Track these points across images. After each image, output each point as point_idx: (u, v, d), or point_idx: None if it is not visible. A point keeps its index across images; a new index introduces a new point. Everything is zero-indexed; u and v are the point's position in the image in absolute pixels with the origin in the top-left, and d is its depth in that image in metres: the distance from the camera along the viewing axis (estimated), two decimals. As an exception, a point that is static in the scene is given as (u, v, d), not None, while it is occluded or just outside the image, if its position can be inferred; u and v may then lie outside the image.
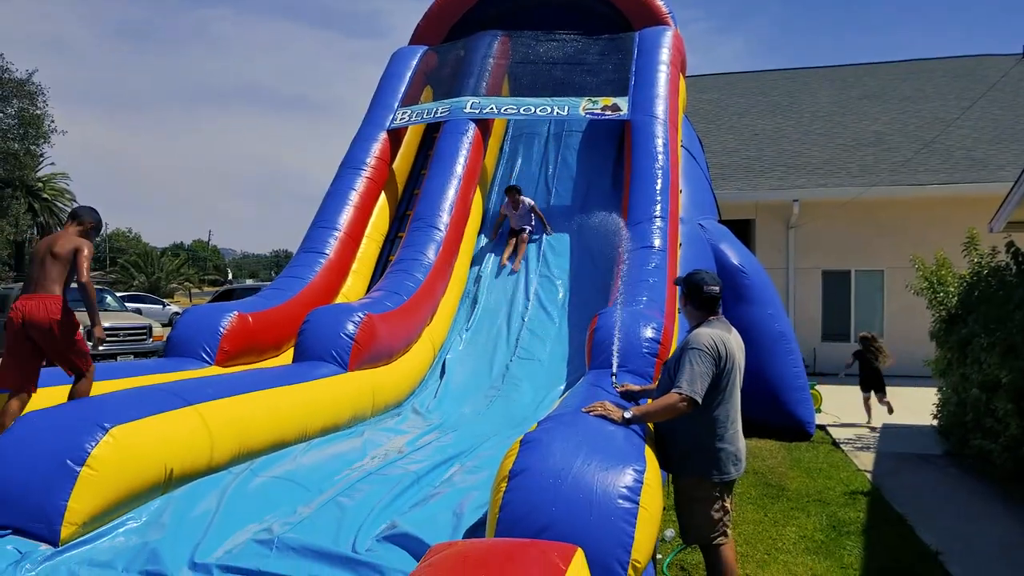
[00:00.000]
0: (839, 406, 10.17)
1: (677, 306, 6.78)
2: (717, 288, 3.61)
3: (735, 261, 8.26)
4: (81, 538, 3.34)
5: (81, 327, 4.97)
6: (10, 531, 3.26)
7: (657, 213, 7.64)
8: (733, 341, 3.54)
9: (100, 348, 5.02)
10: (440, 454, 5.04)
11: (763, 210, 14.33)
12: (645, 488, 2.98)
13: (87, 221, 5.08)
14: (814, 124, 17.05)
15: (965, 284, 7.84)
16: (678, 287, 3.87)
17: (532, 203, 9.00)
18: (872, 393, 9.40)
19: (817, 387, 9.89)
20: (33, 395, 4.71)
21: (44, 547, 3.23)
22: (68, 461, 3.38)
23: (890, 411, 9.20)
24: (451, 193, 8.57)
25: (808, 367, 10.93)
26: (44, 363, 4.86)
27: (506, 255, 8.94)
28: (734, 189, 14.06)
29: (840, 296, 14.24)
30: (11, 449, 3.49)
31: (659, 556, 4.51)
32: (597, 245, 8.45)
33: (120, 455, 3.54)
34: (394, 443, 5.47)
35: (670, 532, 4.96)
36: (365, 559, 3.20)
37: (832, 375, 13.17)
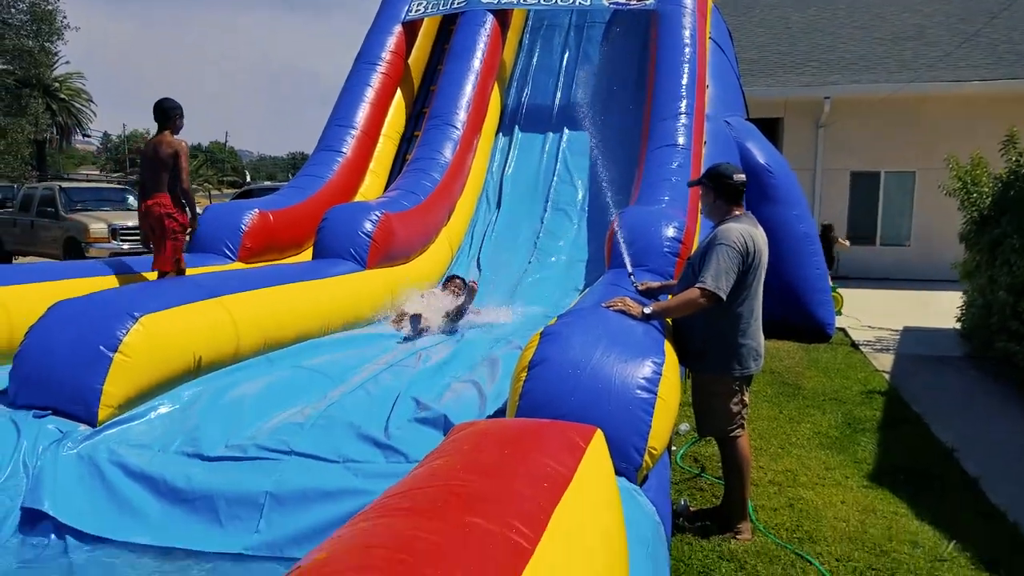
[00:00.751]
0: (860, 308, 10.13)
1: (700, 205, 6.69)
2: (743, 177, 3.54)
3: (761, 160, 8.04)
4: (117, 419, 3.47)
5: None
6: (50, 412, 3.39)
7: (682, 110, 7.41)
8: (760, 237, 3.49)
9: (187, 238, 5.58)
10: (460, 349, 5.12)
11: (792, 108, 13.86)
12: (663, 380, 3.01)
13: (175, 117, 5.33)
14: (851, 16, 16.22)
15: (1000, 184, 7.61)
16: (698, 185, 3.78)
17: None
18: None
19: (839, 290, 9.83)
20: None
21: (83, 427, 3.37)
22: (101, 347, 3.48)
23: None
24: (468, 89, 8.35)
25: (831, 270, 10.85)
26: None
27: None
28: (763, 86, 13.56)
29: (868, 198, 13.94)
30: (48, 336, 3.60)
31: (673, 448, 4.62)
32: (620, 143, 8.26)
33: (150, 342, 3.64)
34: (421, 337, 5.56)
35: (684, 426, 5.07)
36: (392, 442, 3.30)
37: (856, 278, 13.08)
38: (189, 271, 5.46)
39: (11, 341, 3.93)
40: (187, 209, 5.35)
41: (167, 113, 5.26)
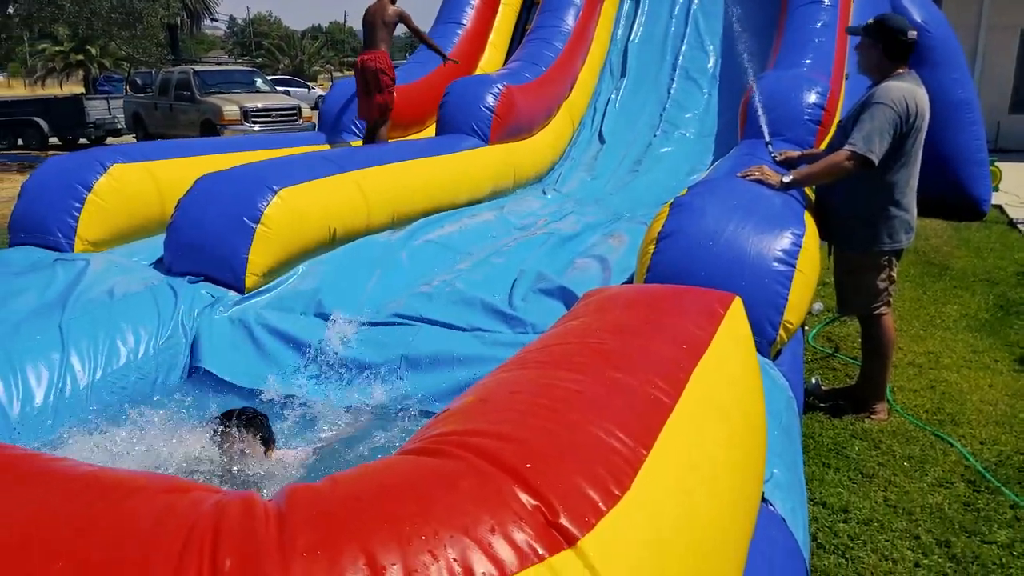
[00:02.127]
0: (1021, 185, 9.18)
1: (846, 71, 6.10)
2: (915, 33, 3.16)
3: (916, 16, 7.16)
4: (263, 286, 3.71)
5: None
6: (202, 279, 3.66)
7: (830, -40, 6.65)
8: (923, 98, 3.16)
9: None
10: (583, 223, 5.07)
11: (958, -43, 12.19)
12: (803, 252, 2.85)
13: None
14: None
15: None
16: (856, 35, 3.41)
17: None
18: None
19: (997, 164, 8.90)
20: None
21: (232, 293, 3.62)
22: (245, 219, 3.68)
23: None
24: (593, -51, 7.83)
25: (990, 142, 9.79)
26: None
27: None
28: (925, -68, 11.93)
29: (1041, 60, 12.32)
30: (197, 208, 3.83)
31: (806, 327, 4.46)
32: (757, 2, 7.58)
33: (289, 214, 3.80)
34: (538, 214, 5.54)
35: (818, 305, 4.87)
36: (518, 313, 3.36)
37: (1019, 151, 11.81)
38: (318, 148, 5.62)
39: (163, 212, 4.21)
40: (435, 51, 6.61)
41: None
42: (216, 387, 3.29)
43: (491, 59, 8.12)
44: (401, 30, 6.43)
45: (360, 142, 6.32)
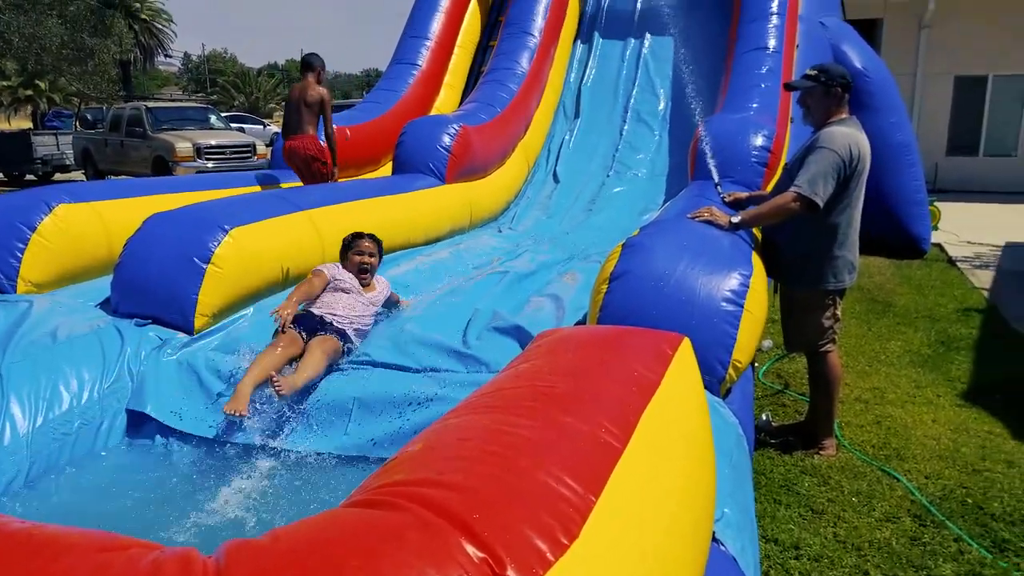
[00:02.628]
0: (959, 223, 9.58)
1: (790, 116, 6.33)
2: (850, 79, 3.31)
3: (857, 64, 7.51)
4: (213, 327, 3.64)
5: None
6: (150, 320, 3.57)
7: (773, 10, 6.96)
8: (864, 142, 3.28)
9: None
10: (538, 262, 5.11)
11: (893, 8, 12.82)
12: (750, 292, 2.92)
13: (319, 69, 6.00)
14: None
15: None
16: (795, 90, 3.55)
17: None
18: None
19: (936, 204, 9.28)
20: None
21: (181, 335, 3.54)
22: (195, 259, 3.61)
23: None
24: (546, -5, 8.03)
25: (929, 182, 10.21)
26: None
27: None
28: (862, -16, 12.55)
29: (973, 105, 12.95)
30: (146, 247, 3.75)
31: (756, 364, 4.54)
32: (705, 48, 7.85)
33: (241, 254, 3.75)
34: (493, 252, 5.57)
35: (768, 342, 4.97)
36: (473, 352, 3.35)
37: (956, 191, 12.33)
38: (275, 187, 5.58)
39: (111, 253, 4.12)
40: (330, 150, 5.93)
41: (312, 65, 5.96)
42: (162, 433, 3.20)
43: (447, 100, 8.22)
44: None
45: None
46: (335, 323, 3.49)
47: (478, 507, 1.05)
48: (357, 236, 3.97)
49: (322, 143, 5.92)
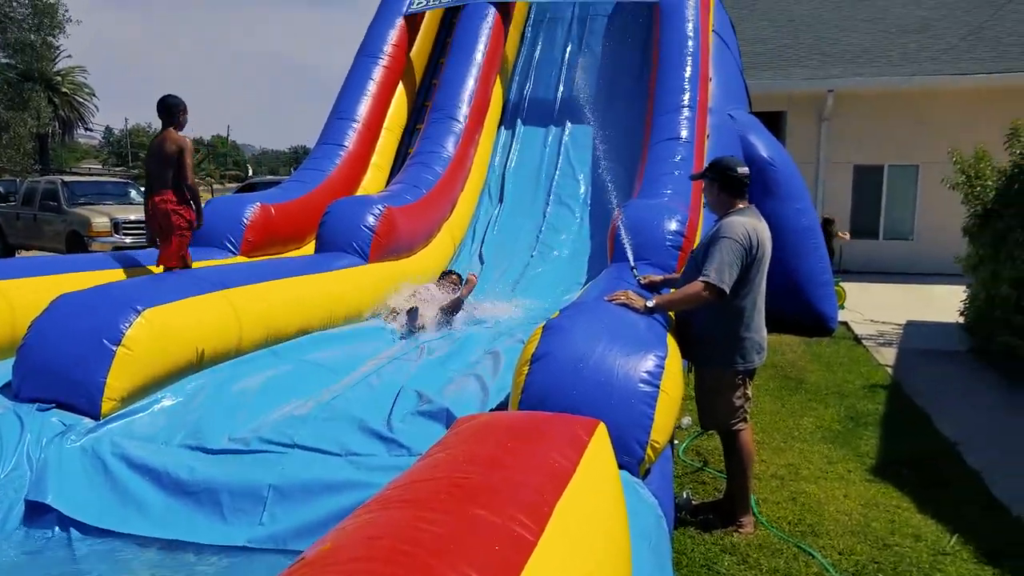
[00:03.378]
0: (863, 302, 10.12)
1: (703, 200, 6.67)
2: (747, 170, 3.52)
3: (764, 153, 8.02)
4: (120, 412, 3.48)
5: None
6: (54, 405, 3.40)
7: (685, 103, 7.39)
8: (763, 230, 3.49)
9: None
10: (462, 342, 5.12)
11: (796, 101, 13.80)
12: (666, 373, 3.01)
13: (179, 113, 5.39)
14: (855, 9, 16.14)
15: (1004, 178, 7.58)
16: (700, 179, 3.77)
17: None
18: None
19: (841, 284, 9.81)
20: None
21: (87, 420, 3.38)
22: (105, 340, 3.49)
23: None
24: (470, 83, 8.33)
25: (834, 264, 10.82)
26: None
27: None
28: (766, 79, 13.50)
29: (871, 192, 13.90)
30: (52, 329, 3.60)
31: (675, 442, 4.62)
32: (622, 137, 8.24)
33: (153, 336, 3.64)
34: (417, 333, 5.56)
35: (687, 420, 5.08)
36: (394, 435, 3.31)
37: (859, 272, 13.06)
38: (193, 264, 5.46)
39: (14, 334, 3.93)
40: (192, 205, 5.39)
41: (171, 110, 5.32)
42: (62, 524, 3.00)
43: (374, 180, 8.31)
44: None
45: (236, 259, 6.19)
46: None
47: (384, 609, 1.03)
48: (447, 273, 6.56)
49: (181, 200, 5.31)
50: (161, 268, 5.32)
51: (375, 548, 1.20)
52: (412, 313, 5.54)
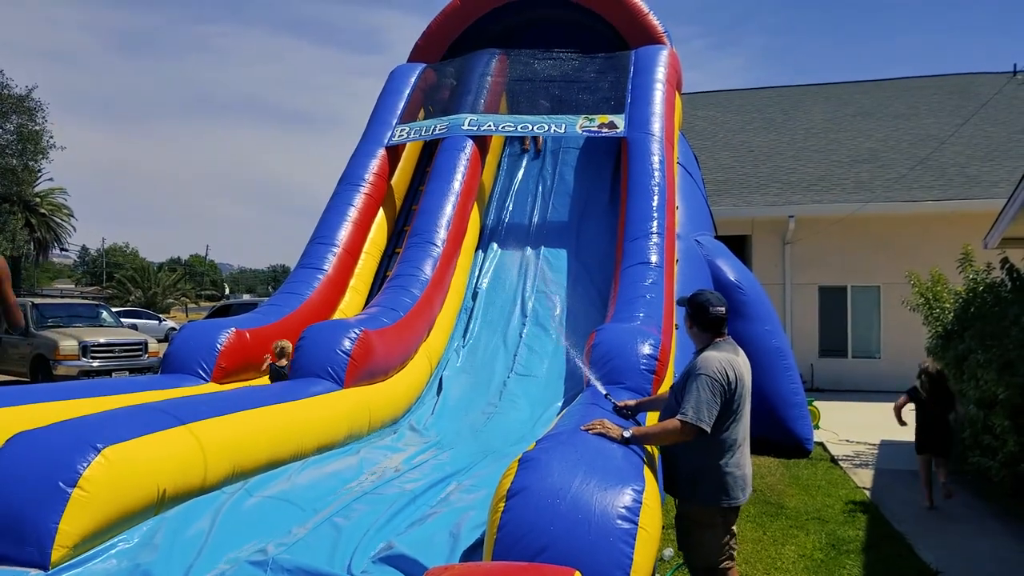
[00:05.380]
0: (836, 422, 10.15)
1: (674, 323, 6.79)
2: (723, 309, 3.51)
3: (731, 277, 8.27)
4: (72, 561, 3.29)
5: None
6: (-1, 559, 3.20)
7: (654, 229, 7.65)
8: (741, 363, 3.44)
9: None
10: (437, 472, 5.01)
11: (759, 226, 14.38)
12: (644, 508, 2.96)
13: None
14: (809, 140, 17.14)
15: (961, 300, 7.86)
16: (683, 306, 3.80)
17: None
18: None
19: (815, 403, 9.87)
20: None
21: (34, 572, 3.16)
22: (60, 483, 3.33)
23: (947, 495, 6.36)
24: (449, 209, 8.58)
25: (806, 383, 10.94)
26: None
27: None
28: (730, 205, 14.11)
29: (837, 312, 14.26)
30: (3, 471, 3.43)
31: (657, 575, 4.48)
32: (594, 261, 8.47)
33: (113, 476, 3.49)
34: (391, 461, 5.43)
35: (668, 551, 4.94)
36: (359, 582, 3.17)
37: (829, 391, 13.17)
38: (160, 394, 5.35)
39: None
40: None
41: None
42: None
43: (352, 303, 8.36)
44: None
45: (207, 387, 6.10)
46: None
47: None
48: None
49: None
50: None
51: None
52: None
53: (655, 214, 7.82)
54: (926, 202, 13.42)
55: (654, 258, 7.32)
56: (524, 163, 10.61)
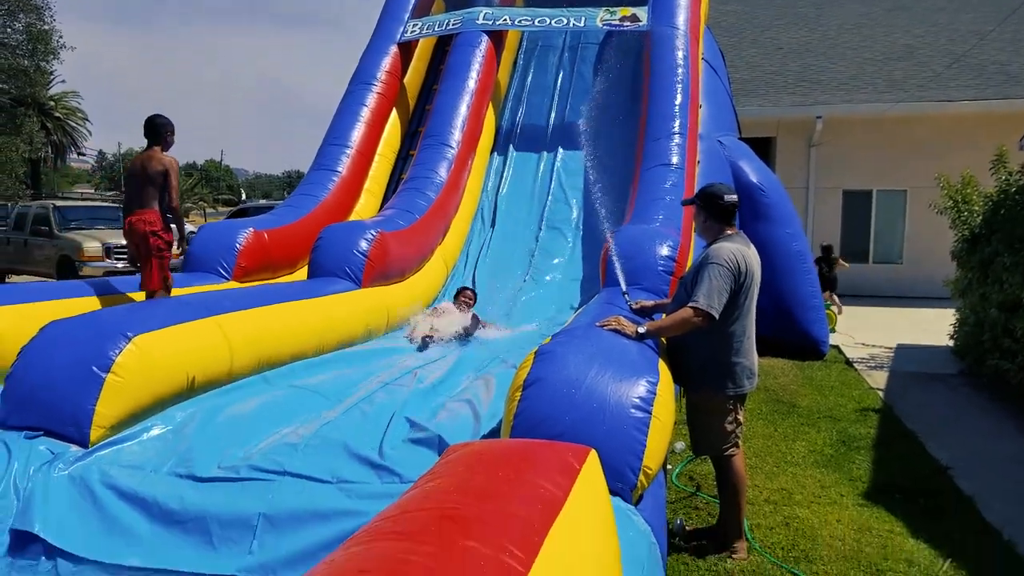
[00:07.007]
0: (854, 326, 10.17)
1: (694, 224, 6.72)
2: (735, 198, 3.56)
3: (754, 178, 8.11)
4: (109, 440, 3.45)
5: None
6: (42, 433, 3.37)
7: (675, 129, 7.47)
8: (752, 256, 3.51)
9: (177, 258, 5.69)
10: (455, 367, 5.11)
11: (785, 127, 13.98)
12: (658, 399, 3.01)
13: (166, 133, 5.30)
14: (841, 37, 16.42)
15: (991, 203, 7.68)
16: (691, 204, 3.80)
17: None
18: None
19: (832, 307, 9.87)
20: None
21: (75, 448, 3.34)
22: (94, 368, 3.46)
23: (839, 311, 10.57)
24: (463, 109, 8.41)
25: (837, 290, 10.93)
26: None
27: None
28: (755, 105, 13.68)
29: (861, 217, 14.03)
30: (40, 356, 3.58)
31: (668, 467, 4.61)
32: (612, 163, 8.31)
33: (143, 362, 3.62)
34: (409, 357, 5.55)
35: (680, 444, 5.07)
36: (386, 463, 3.29)
37: (849, 295, 13.14)
38: (183, 291, 5.44)
39: (2, 362, 3.91)
40: (174, 228, 5.32)
41: (157, 129, 5.27)
42: (48, 554, 2.96)
43: (367, 205, 8.34)
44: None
45: (228, 285, 6.19)
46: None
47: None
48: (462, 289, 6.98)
49: (166, 219, 5.29)
50: (143, 294, 5.29)
51: (365, 580, 1.20)
52: (426, 340, 5.90)
53: (677, 113, 7.61)
54: (962, 102, 12.92)
55: (675, 159, 7.18)
56: (541, 60, 10.26)
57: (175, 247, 5.37)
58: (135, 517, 3.08)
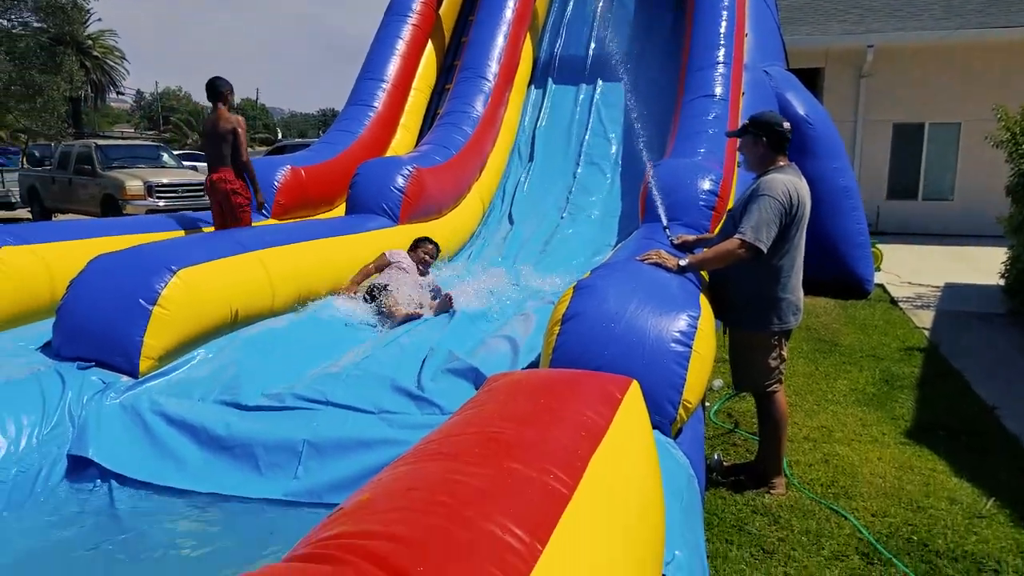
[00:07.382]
0: (900, 264, 9.92)
1: (737, 158, 6.54)
2: (789, 125, 3.42)
3: (801, 111, 7.83)
4: (158, 370, 3.55)
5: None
6: (93, 363, 3.48)
7: (720, 59, 7.21)
8: (804, 189, 3.39)
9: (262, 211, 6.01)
10: (492, 304, 5.12)
11: (834, 57, 13.40)
12: (699, 333, 2.97)
13: (226, 93, 5.67)
14: (897, -39, 15.54)
15: (1052, 135, 7.31)
16: (739, 136, 3.65)
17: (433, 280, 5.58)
18: None
19: (878, 246, 9.61)
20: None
21: (125, 378, 3.45)
22: (141, 300, 3.54)
23: None
24: (500, 41, 8.21)
25: (871, 225, 10.59)
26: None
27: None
28: (804, 34, 13.10)
29: (911, 151, 13.51)
30: (89, 289, 3.67)
31: (707, 404, 4.60)
32: (654, 94, 8.08)
33: (189, 295, 3.69)
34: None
35: (718, 382, 5.05)
36: (426, 394, 3.33)
37: (897, 234, 12.78)
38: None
39: (53, 296, 4.02)
40: (249, 182, 5.66)
41: (218, 91, 5.63)
42: (103, 477, 3.09)
43: (403, 141, 8.28)
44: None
45: (267, 222, 6.24)
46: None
47: (423, 560, 1.04)
48: (424, 239, 5.65)
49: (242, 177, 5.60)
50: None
51: (412, 499, 1.21)
52: (444, 301, 4.86)
53: (722, 42, 7.33)
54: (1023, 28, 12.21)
55: (719, 90, 6.95)
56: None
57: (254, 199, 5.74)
58: (184, 443, 3.19)
